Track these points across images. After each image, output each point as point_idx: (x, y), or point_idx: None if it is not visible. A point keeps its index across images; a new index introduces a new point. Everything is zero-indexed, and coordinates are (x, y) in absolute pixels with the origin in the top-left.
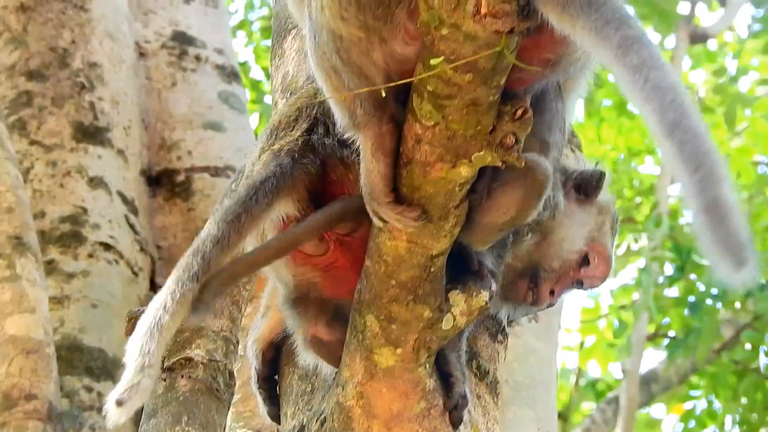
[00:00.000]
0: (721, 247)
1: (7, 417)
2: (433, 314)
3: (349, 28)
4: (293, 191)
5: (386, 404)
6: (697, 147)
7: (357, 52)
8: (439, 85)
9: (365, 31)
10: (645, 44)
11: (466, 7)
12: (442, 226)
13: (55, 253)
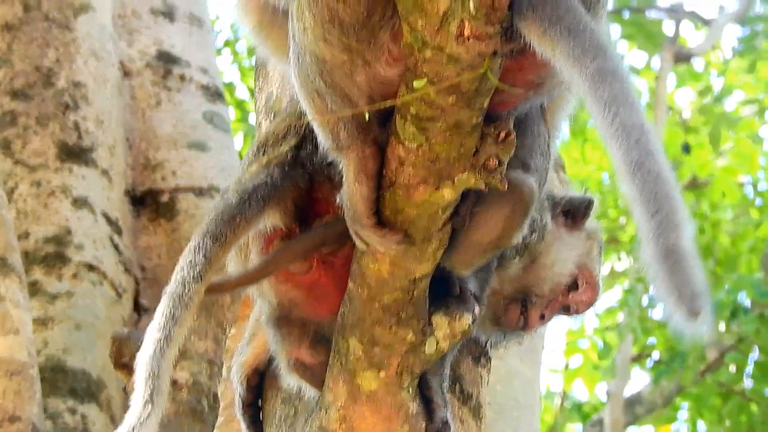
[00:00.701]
0: (676, 296)
1: None
2: (416, 337)
3: (332, 50)
4: (282, 202)
5: (369, 428)
6: (657, 190)
7: (340, 75)
8: (423, 107)
9: (348, 54)
10: (618, 78)
11: (449, 29)
12: (425, 249)
13: (39, 274)
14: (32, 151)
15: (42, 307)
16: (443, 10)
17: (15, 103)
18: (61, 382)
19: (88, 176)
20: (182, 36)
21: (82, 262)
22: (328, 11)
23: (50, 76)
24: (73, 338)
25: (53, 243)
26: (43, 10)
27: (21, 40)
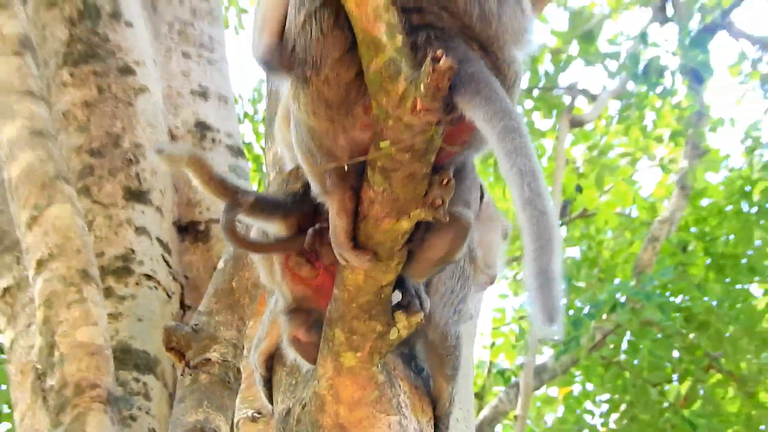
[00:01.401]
0: (540, 306)
1: (78, 401)
2: (383, 328)
3: (319, 121)
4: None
5: (349, 393)
6: (541, 223)
7: (326, 139)
8: (387, 161)
9: (332, 124)
10: (519, 134)
11: (406, 105)
12: (389, 264)
13: (112, 282)
14: (105, 193)
15: (113, 306)
16: (401, 91)
17: (92, 159)
18: (127, 360)
19: (146, 212)
20: (213, 110)
21: (142, 273)
22: (317, 92)
23: (118, 139)
24: (136, 328)
25: (121, 260)
26: (112, 92)
27: (96, 114)
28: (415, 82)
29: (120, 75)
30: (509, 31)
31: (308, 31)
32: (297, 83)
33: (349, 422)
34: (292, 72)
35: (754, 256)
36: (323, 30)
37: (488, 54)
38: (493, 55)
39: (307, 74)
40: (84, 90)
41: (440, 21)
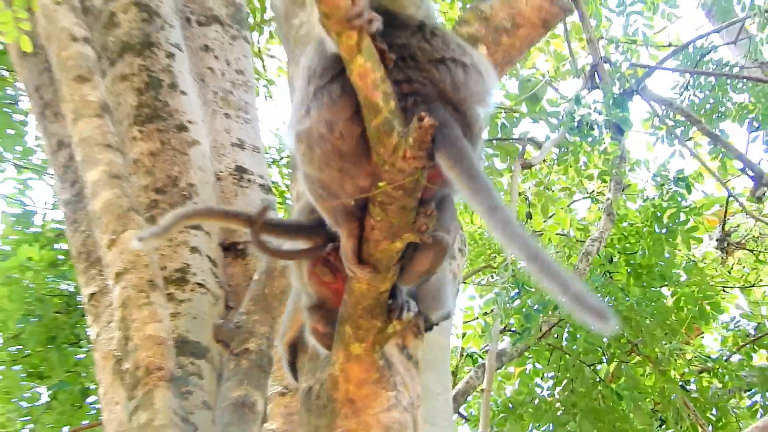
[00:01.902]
0: (592, 316)
1: (147, 380)
2: (382, 325)
3: (331, 172)
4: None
5: (357, 375)
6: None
7: (335, 186)
8: (384, 197)
9: (341, 173)
10: (480, 178)
11: (398, 154)
12: (386, 275)
13: (173, 289)
14: None
15: (174, 307)
16: (395, 143)
17: (157, 195)
18: (185, 348)
19: (198, 235)
20: (249, 158)
21: (195, 282)
22: (333, 146)
23: (176, 180)
24: (192, 324)
25: (179, 272)
26: (171, 144)
27: (159, 161)
28: (405, 137)
29: (177, 131)
30: (474, 95)
31: (320, 99)
32: (311, 143)
33: (357, 397)
34: (306, 136)
35: (665, 266)
36: (332, 98)
37: (459, 113)
38: (463, 114)
39: (323, 132)
40: (150, 143)
41: (424, 88)
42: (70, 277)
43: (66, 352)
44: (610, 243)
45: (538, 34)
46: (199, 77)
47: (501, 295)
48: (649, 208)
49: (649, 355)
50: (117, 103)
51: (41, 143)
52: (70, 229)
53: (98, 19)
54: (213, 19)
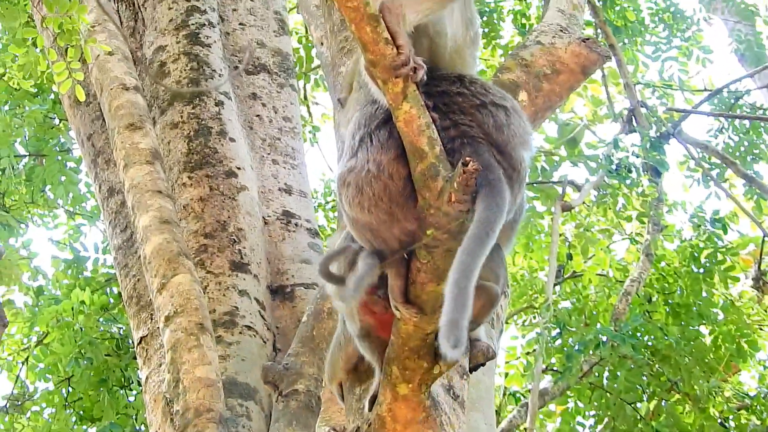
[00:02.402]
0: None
1: (197, 422)
2: (428, 365)
3: (378, 214)
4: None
5: (404, 415)
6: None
7: (383, 229)
8: (430, 240)
9: (388, 216)
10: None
11: (443, 198)
12: (432, 317)
13: (221, 332)
14: (216, 265)
15: (223, 349)
16: (440, 188)
17: (206, 240)
18: (234, 390)
19: (247, 279)
20: (296, 202)
21: (244, 325)
22: (382, 185)
23: (225, 225)
24: (240, 366)
25: (228, 315)
26: (220, 190)
27: (208, 206)
28: (450, 180)
29: (226, 177)
30: (517, 136)
31: (367, 143)
32: (359, 184)
33: None
34: (354, 178)
35: (702, 305)
36: (380, 141)
37: (504, 155)
38: (508, 155)
39: (372, 172)
40: (199, 189)
41: (471, 130)
42: (121, 320)
43: (117, 395)
44: (648, 283)
45: (578, 79)
46: (247, 124)
47: (543, 335)
48: (686, 249)
49: (689, 393)
50: (167, 150)
51: (93, 190)
52: (122, 273)
53: (149, 68)
54: (261, 68)
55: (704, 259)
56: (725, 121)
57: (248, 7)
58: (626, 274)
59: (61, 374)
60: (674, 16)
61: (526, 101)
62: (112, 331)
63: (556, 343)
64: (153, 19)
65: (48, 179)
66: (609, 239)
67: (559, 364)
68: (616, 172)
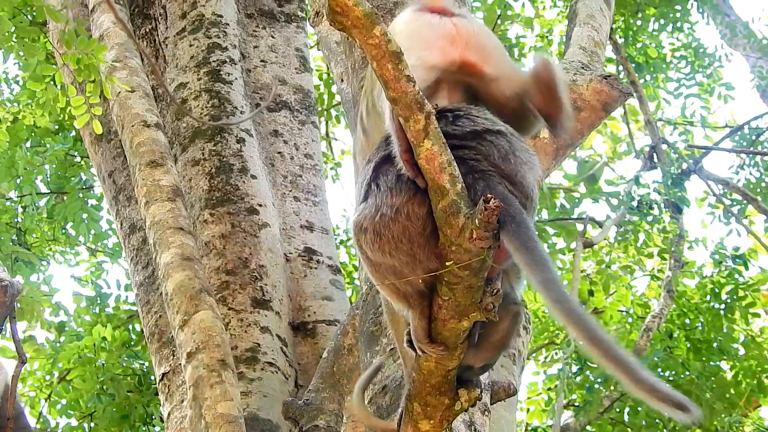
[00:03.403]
0: (672, 408)
1: None
2: (450, 402)
3: (400, 257)
4: None
5: None
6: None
7: (407, 271)
8: (451, 277)
9: (410, 258)
10: (544, 263)
11: (465, 235)
12: (454, 353)
13: (243, 368)
14: (238, 302)
15: (245, 386)
16: (461, 224)
17: (228, 277)
18: (256, 426)
19: (269, 315)
20: (317, 239)
21: (266, 361)
22: (401, 228)
23: (246, 262)
24: (262, 402)
25: (250, 351)
26: (242, 227)
27: (230, 243)
28: (471, 218)
29: (247, 214)
30: (523, 162)
31: (374, 189)
32: (376, 229)
33: None
34: (370, 223)
35: (723, 341)
36: (389, 185)
37: (515, 185)
38: (519, 185)
39: (389, 216)
40: (220, 226)
41: (479, 164)
42: (143, 356)
43: (139, 431)
44: (670, 319)
45: (599, 117)
46: (268, 161)
47: (564, 371)
48: (707, 285)
49: (710, 428)
50: (188, 187)
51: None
52: (143, 310)
53: (170, 105)
54: (282, 105)
55: (725, 295)
56: (746, 158)
57: (269, 44)
58: (647, 310)
59: (83, 410)
60: (696, 52)
61: (548, 138)
62: (134, 368)
63: (577, 379)
64: (174, 56)
65: (69, 216)
66: (630, 275)
67: (580, 400)
68: (638, 209)
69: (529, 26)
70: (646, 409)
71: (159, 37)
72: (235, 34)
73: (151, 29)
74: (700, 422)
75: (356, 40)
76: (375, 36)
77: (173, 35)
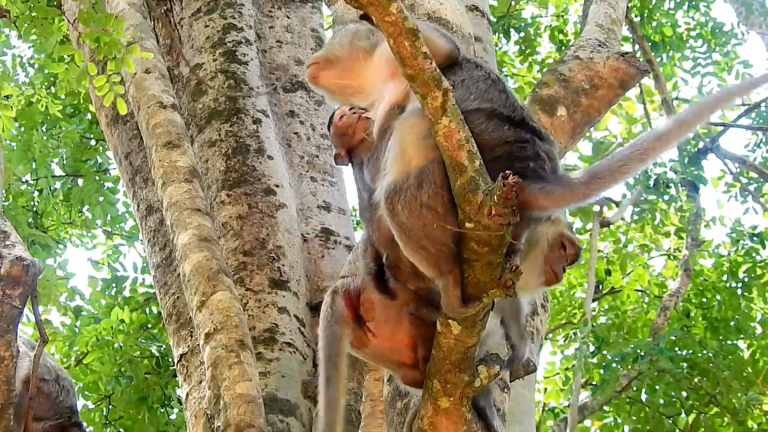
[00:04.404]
0: None
1: None
2: (469, 378)
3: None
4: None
5: (445, 428)
6: None
7: (439, 232)
8: (470, 254)
9: (444, 214)
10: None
11: (483, 211)
12: (474, 330)
13: (261, 349)
14: (255, 283)
15: (263, 366)
16: (480, 201)
17: (245, 258)
18: (274, 406)
19: (286, 296)
20: (335, 219)
21: (284, 341)
22: (435, 192)
23: (264, 243)
24: (281, 382)
25: (268, 332)
26: (259, 208)
27: (247, 224)
28: (490, 194)
29: (264, 195)
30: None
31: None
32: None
33: None
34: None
35: (740, 319)
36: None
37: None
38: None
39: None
40: (237, 207)
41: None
42: (161, 338)
43: (157, 413)
44: (687, 298)
45: (616, 94)
46: (285, 142)
47: (581, 350)
48: (724, 264)
49: (727, 406)
50: (205, 168)
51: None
52: (161, 291)
53: (186, 86)
54: (298, 86)
55: (742, 274)
56: (763, 135)
57: (285, 24)
58: (664, 290)
59: (101, 393)
60: (713, 31)
61: (565, 116)
62: (151, 350)
63: (595, 359)
64: (189, 37)
65: (86, 199)
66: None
67: (598, 379)
68: (654, 188)
69: (543, 6)
70: (664, 388)
71: (174, 18)
72: (251, 14)
73: (166, 10)
74: (717, 400)
75: (373, 18)
76: (392, 13)
77: (188, 16)
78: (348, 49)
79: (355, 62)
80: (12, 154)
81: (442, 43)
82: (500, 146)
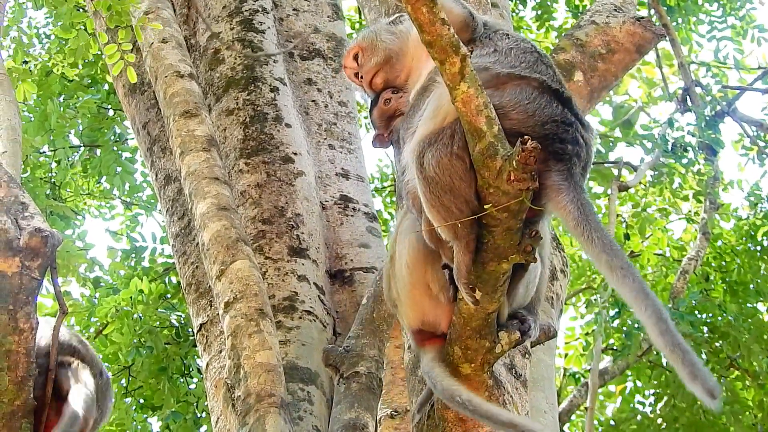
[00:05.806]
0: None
1: (258, 407)
2: (490, 344)
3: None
4: None
5: None
6: (654, 304)
7: (464, 187)
8: (489, 219)
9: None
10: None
11: (502, 177)
12: (494, 296)
13: (281, 317)
14: (274, 251)
15: (283, 335)
16: (499, 166)
17: (264, 226)
18: (295, 374)
19: (305, 264)
20: (353, 187)
21: (304, 310)
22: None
23: (282, 211)
24: (301, 351)
25: (288, 300)
26: (277, 176)
27: (266, 192)
28: (509, 159)
29: (283, 163)
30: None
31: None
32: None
33: (467, 416)
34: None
35: (760, 282)
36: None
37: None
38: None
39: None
40: (256, 175)
41: None
42: (180, 308)
43: (177, 383)
44: (706, 261)
45: (633, 59)
46: (303, 110)
47: (601, 315)
48: (743, 227)
49: (748, 369)
50: (223, 137)
51: (149, 179)
52: (180, 261)
53: (203, 55)
54: (316, 54)
55: (761, 237)
56: None
57: None
58: (683, 253)
59: (121, 363)
60: None
61: (582, 81)
62: (171, 320)
63: (615, 323)
64: (206, 6)
65: (104, 170)
66: (666, 219)
67: (618, 344)
68: (672, 152)
69: None
70: None
71: None
72: None
73: None
74: (738, 363)
75: None
76: None
77: None
78: (386, 36)
79: (393, 48)
80: (29, 125)
81: (459, 10)
82: (549, 124)
